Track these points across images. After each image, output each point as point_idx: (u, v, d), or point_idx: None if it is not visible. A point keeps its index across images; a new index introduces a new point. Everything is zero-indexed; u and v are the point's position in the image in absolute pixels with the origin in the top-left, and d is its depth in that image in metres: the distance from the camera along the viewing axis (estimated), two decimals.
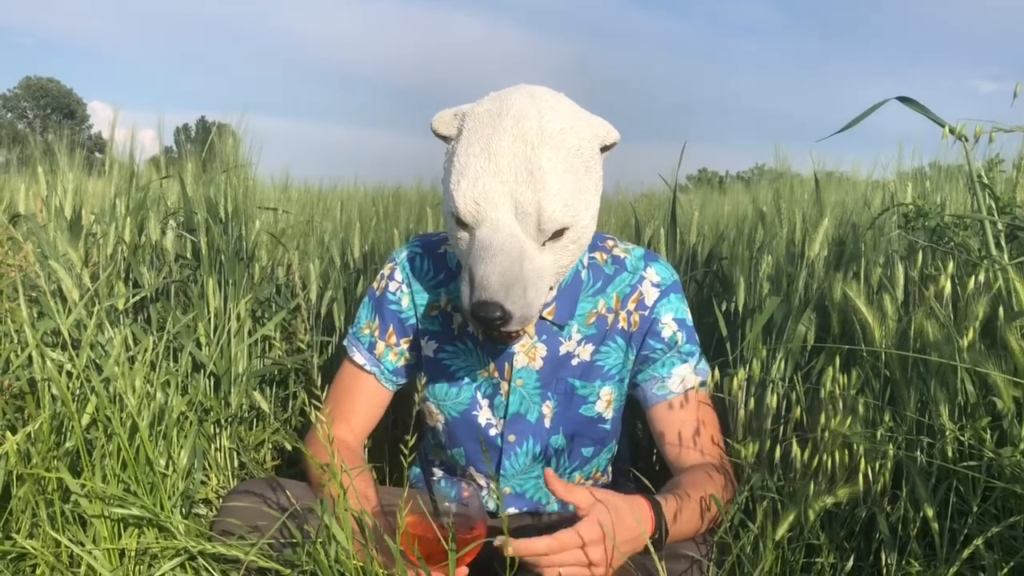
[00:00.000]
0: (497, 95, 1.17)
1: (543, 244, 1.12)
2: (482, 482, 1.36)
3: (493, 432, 1.34)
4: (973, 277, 1.18)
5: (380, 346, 1.37)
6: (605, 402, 1.33)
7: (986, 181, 1.31)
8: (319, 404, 1.15)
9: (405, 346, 1.37)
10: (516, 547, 0.96)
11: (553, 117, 1.12)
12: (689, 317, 1.33)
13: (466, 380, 1.34)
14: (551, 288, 1.19)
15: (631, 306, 1.31)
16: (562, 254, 1.14)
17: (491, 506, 1.35)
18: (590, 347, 1.32)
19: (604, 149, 1.20)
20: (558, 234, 1.12)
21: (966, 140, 1.24)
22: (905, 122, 1.34)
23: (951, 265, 1.21)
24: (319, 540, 1.08)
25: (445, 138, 1.20)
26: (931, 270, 1.39)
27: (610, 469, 1.43)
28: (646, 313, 1.31)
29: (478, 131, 1.12)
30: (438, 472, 1.47)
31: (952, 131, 1.24)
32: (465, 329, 1.34)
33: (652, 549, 1.02)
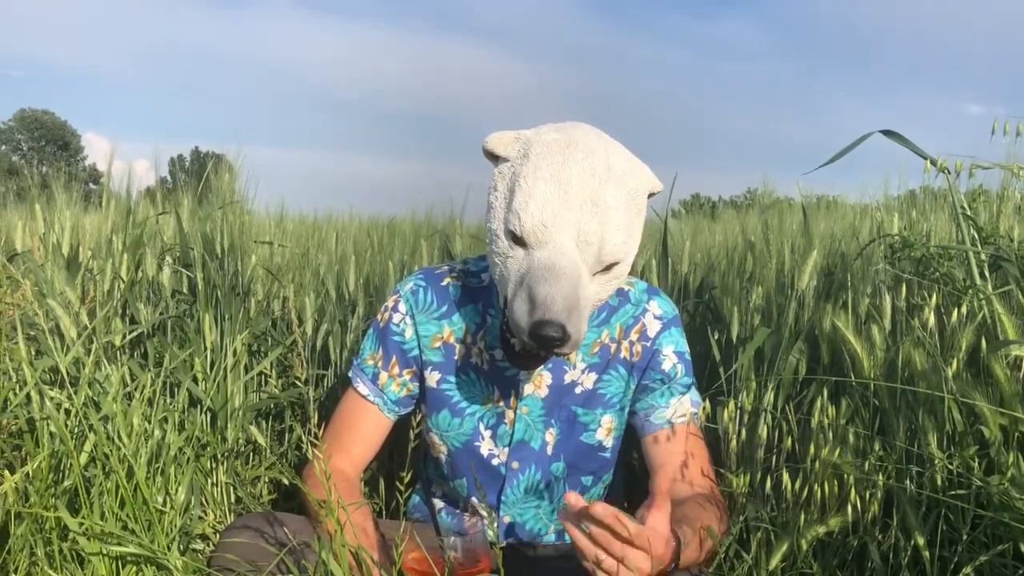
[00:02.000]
0: (559, 127, 1.22)
1: (593, 275, 1.16)
2: (484, 512, 1.37)
3: (496, 462, 1.35)
4: (957, 308, 1.20)
5: (383, 377, 1.39)
6: (606, 430, 1.35)
7: (969, 212, 1.34)
8: (316, 440, 1.16)
9: (408, 377, 1.39)
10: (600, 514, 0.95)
11: (617, 158, 1.18)
12: (687, 350, 1.36)
13: (469, 411, 1.36)
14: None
15: (633, 337, 1.35)
16: (604, 287, 1.19)
17: (490, 536, 1.36)
18: (593, 375, 1.34)
19: (649, 196, 1.26)
20: (608, 267, 1.17)
21: (948, 172, 1.27)
22: (894, 147, 1.37)
23: (935, 296, 1.23)
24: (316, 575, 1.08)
25: (497, 158, 1.24)
26: (918, 300, 1.41)
27: (604, 499, 1.44)
28: (648, 344, 1.34)
29: (547, 157, 1.16)
30: (439, 503, 1.47)
31: (934, 163, 1.26)
32: (468, 360, 1.36)
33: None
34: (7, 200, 3.35)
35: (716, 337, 1.63)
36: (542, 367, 1.32)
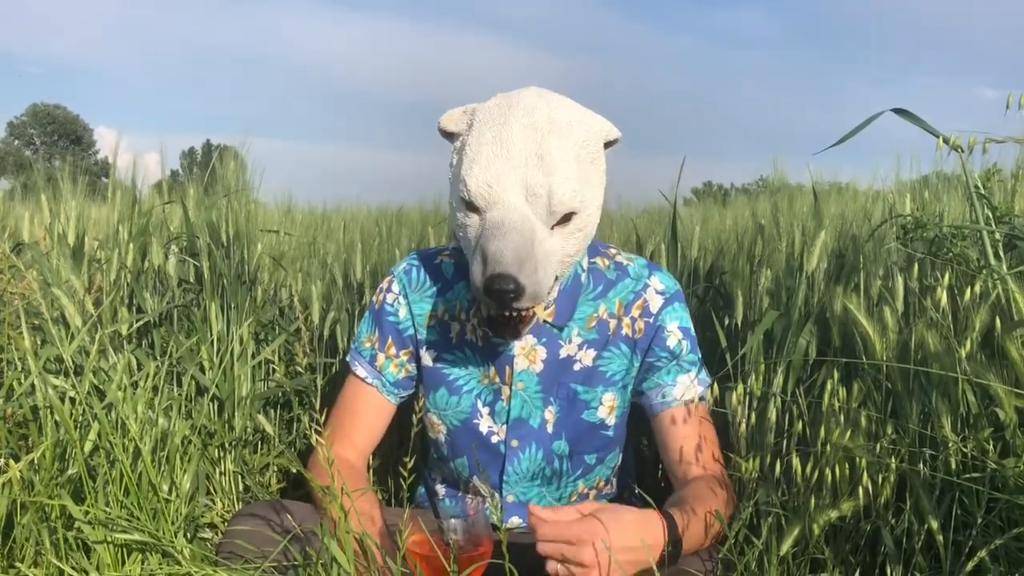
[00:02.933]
0: (505, 94, 1.23)
1: (551, 228, 1.16)
2: (485, 492, 1.36)
3: (495, 440, 1.34)
4: (970, 287, 1.18)
5: (380, 358, 1.38)
6: (608, 408, 1.34)
7: (983, 191, 1.31)
8: (319, 427, 1.15)
9: (405, 357, 1.39)
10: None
11: (561, 110, 1.18)
12: (692, 326, 1.35)
13: (466, 388, 1.36)
14: (556, 278, 1.22)
15: (635, 313, 1.33)
16: (568, 240, 1.18)
17: (493, 518, 1.35)
18: (592, 352, 1.33)
19: (607, 145, 1.25)
20: (566, 219, 1.16)
21: (961, 151, 1.24)
22: (906, 131, 1.34)
23: (948, 276, 1.21)
24: (320, 562, 1.08)
25: (452, 135, 1.25)
26: (931, 281, 1.39)
27: (615, 480, 1.43)
28: (651, 320, 1.32)
29: (489, 122, 1.17)
30: (441, 490, 1.47)
31: (946, 141, 1.24)
32: (463, 337, 1.35)
33: (666, 560, 1.03)
34: (15, 194, 3.36)
35: (725, 322, 1.61)
36: (535, 341, 1.31)
